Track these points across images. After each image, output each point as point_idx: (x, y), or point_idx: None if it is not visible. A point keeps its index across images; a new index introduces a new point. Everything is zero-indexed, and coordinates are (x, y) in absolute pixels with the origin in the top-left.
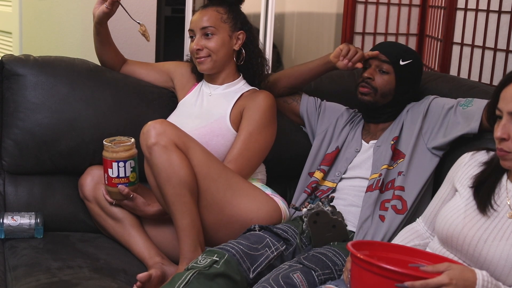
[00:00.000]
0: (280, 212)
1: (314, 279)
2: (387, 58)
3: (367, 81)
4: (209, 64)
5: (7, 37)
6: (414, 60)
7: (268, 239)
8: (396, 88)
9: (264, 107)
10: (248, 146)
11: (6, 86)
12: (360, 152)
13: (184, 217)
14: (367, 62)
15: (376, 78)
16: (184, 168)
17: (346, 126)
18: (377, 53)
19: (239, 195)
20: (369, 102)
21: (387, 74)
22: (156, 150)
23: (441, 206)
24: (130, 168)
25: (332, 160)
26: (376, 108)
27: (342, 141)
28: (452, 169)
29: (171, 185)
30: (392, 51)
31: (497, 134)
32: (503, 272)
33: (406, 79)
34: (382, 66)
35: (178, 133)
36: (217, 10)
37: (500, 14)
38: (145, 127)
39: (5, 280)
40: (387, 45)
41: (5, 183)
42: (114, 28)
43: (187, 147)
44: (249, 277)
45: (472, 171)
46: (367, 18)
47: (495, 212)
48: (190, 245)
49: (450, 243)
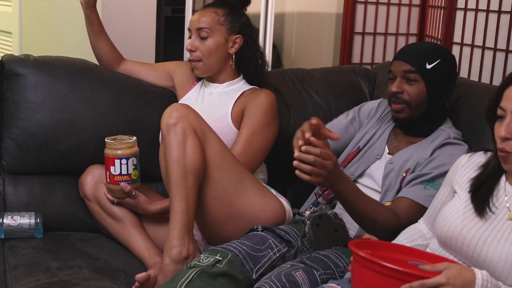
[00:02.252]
0: (285, 212)
1: (316, 278)
2: (411, 65)
3: (397, 96)
4: (201, 69)
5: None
6: (443, 58)
7: (271, 240)
8: (428, 95)
9: (265, 106)
10: (250, 145)
11: (6, 86)
12: (380, 160)
13: (181, 201)
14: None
15: (405, 90)
16: (195, 154)
17: (375, 124)
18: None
19: (249, 190)
20: (406, 118)
21: (416, 82)
22: (174, 130)
23: (441, 208)
24: (132, 166)
25: (349, 161)
26: (413, 122)
27: (366, 141)
28: (450, 171)
29: (179, 166)
30: (415, 56)
31: (501, 134)
32: (503, 273)
33: (438, 82)
34: (408, 75)
35: (199, 121)
36: (215, 12)
37: (500, 14)
38: (169, 107)
39: (5, 280)
40: (409, 49)
41: (5, 183)
42: (114, 28)
43: (205, 136)
44: (252, 277)
45: (470, 173)
46: (367, 18)
47: (494, 214)
48: (179, 230)
49: (449, 244)
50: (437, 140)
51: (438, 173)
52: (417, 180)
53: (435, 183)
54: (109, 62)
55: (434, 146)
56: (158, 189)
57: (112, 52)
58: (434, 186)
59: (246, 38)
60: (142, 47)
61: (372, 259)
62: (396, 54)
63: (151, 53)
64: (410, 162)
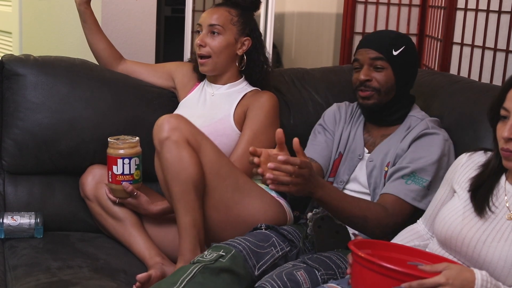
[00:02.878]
0: (286, 214)
1: (317, 278)
2: (379, 52)
3: (365, 84)
4: (210, 66)
5: (7, 37)
6: (407, 45)
7: (274, 239)
8: (396, 81)
9: (267, 107)
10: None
11: (6, 86)
12: (362, 160)
13: (187, 214)
14: (357, 61)
15: (373, 77)
16: (193, 166)
17: (345, 125)
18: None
19: (247, 196)
20: (375, 104)
21: (384, 69)
22: (168, 145)
23: (440, 208)
24: (135, 166)
25: (336, 169)
26: (382, 108)
27: (344, 145)
28: (449, 170)
29: (179, 182)
30: (382, 43)
31: (504, 134)
32: (503, 273)
33: (404, 68)
34: (375, 63)
35: (191, 130)
36: (229, 11)
37: (500, 14)
38: (159, 120)
39: (5, 280)
40: (375, 37)
41: (5, 183)
42: (114, 28)
43: (199, 144)
44: (254, 274)
45: (470, 173)
46: (367, 18)
47: (493, 214)
48: (190, 243)
49: (449, 244)
50: (415, 130)
51: (417, 167)
52: (398, 174)
53: (416, 177)
54: (107, 60)
55: (412, 137)
56: (159, 189)
57: (109, 50)
58: (415, 181)
59: (254, 41)
60: (142, 47)
61: (372, 259)
62: (360, 42)
63: (151, 53)
64: (389, 155)
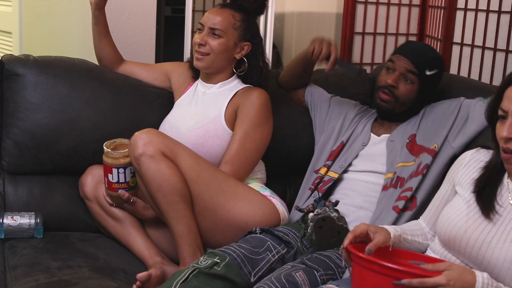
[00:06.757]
0: (278, 214)
1: (316, 278)
2: (415, 68)
3: (390, 89)
4: (206, 63)
5: (7, 37)
6: (440, 69)
7: (269, 242)
8: (417, 97)
9: (258, 105)
10: (245, 146)
11: (6, 86)
12: (368, 146)
13: (179, 223)
14: (392, 62)
15: (400, 86)
16: (174, 176)
17: (355, 119)
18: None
19: (233, 199)
20: (387, 109)
21: (411, 83)
22: (144, 160)
23: (442, 207)
24: (130, 174)
25: (336, 155)
26: (393, 114)
27: (349, 135)
28: (452, 168)
29: (162, 194)
30: (421, 60)
31: (503, 134)
32: (507, 275)
33: (428, 88)
34: (408, 75)
35: (164, 141)
36: (233, 15)
37: (500, 14)
38: (132, 138)
39: (5, 280)
40: (418, 51)
41: (5, 183)
42: (114, 28)
43: (175, 154)
44: (250, 281)
45: (472, 172)
46: (367, 18)
47: (498, 214)
48: (189, 250)
49: (452, 245)
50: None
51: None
52: (473, 105)
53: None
54: (109, 63)
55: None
56: None
57: (114, 54)
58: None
59: (254, 46)
60: (142, 47)
61: (372, 259)
62: (403, 48)
63: (151, 53)
64: (409, 131)
